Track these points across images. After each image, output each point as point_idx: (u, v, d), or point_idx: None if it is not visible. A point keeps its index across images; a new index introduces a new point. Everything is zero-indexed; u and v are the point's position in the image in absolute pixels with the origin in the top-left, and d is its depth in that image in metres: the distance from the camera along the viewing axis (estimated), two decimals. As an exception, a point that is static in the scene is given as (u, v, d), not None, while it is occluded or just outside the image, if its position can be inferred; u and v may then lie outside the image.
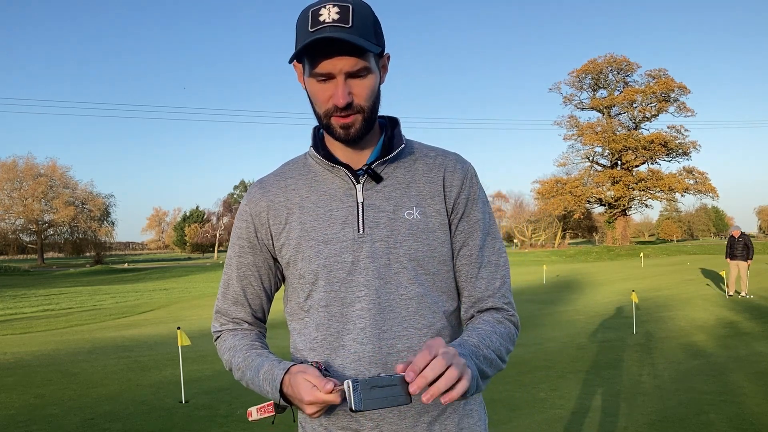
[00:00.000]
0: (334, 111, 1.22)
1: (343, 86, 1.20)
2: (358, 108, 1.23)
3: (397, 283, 1.27)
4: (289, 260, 1.32)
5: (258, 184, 1.39)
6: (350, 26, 1.17)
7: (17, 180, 61.56)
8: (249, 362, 1.32)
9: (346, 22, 1.17)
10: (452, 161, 1.36)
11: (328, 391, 1.11)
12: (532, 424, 4.80)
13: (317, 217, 1.30)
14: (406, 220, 1.29)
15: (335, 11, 1.17)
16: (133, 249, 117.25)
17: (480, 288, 1.35)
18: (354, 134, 1.25)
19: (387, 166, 1.32)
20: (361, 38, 1.17)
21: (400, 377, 1.06)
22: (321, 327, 1.28)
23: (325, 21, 1.16)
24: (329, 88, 1.21)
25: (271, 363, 1.28)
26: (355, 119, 1.23)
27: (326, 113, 1.24)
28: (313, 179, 1.34)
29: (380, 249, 1.27)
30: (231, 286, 1.40)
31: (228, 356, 1.38)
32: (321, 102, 1.23)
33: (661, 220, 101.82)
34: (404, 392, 1.06)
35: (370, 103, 1.24)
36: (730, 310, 11.30)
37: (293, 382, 1.18)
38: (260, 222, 1.35)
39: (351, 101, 1.21)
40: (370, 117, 1.26)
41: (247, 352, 1.34)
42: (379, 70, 1.28)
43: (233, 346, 1.38)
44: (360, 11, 1.20)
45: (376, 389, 1.05)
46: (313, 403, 1.14)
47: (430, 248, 1.29)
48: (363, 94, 1.22)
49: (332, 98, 1.21)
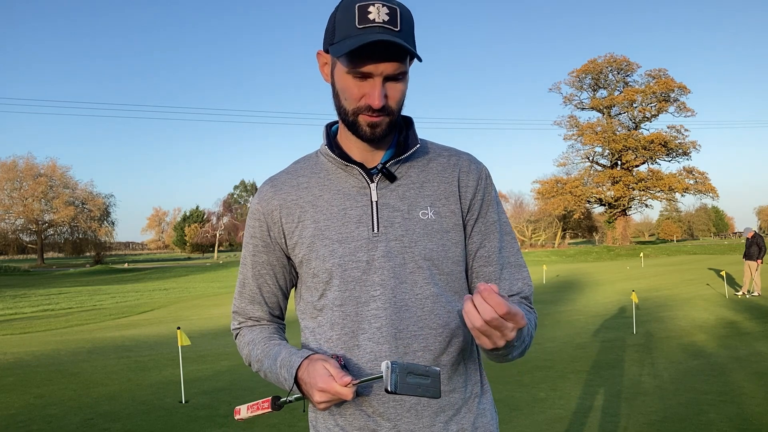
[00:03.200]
0: (366, 110, 1.21)
1: (380, 88, 1.18)
2: (389, 111, 1.22)
3: (412, 282, 1.26)
4: (303, 259, 1.31)
5: (269, 182, 1.37)
6: (399, 30, 1.15)
7: (17, 180, 61.58)
8: (267, 351, 1.32)
9: (395, 25, 1.14)
10: (466, 161, 1.36)
11: (344, 384, 1.11)
12: (532, 424, 4.79)
13: (331, 216, 1.29)
14: (421, 220, 1.28)
15: (385, 12, 1.14)
16: (133, 249, 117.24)
17: (504, 289, 1.35)
18: (379, 134, 1.24)
19: (401, 166, 1.31)
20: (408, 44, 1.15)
21: (436, 371, 1.08)
22: (336, 326, 1.27)
23: (375, 20, 1.14)
24: (365, 86, 1.19)
25: (289, 350, 1.28)
26: (382, 120, 1.22)
27: (356, 110, 1.22)
28: (326, 177, 1.32)
29: (395, 248, 1.26)
30: (247, 285, 1.39)
31: (247, 350, 1.37)
32: (353, 98, 1.21)
33: (661, 220, 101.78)
34: (436, 386, 1.08)
35: (399, 107, 1.24)
36: (730, 310, 11.30)
37: (311, 368, 1.17)
38: (272, 221, 1.33)
39: (385, 104, 1.20)
40: (396, 120, 1.25)
41: (266, 344, 1.34)
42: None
43: (252, 340, 1.37)
44: (406, 15, 1.18)
45: (411, 376, 1.06)
46: (324, 391, 1.13)
47: (444, 248, 1.29)
48: (396, 98, 1.21)
49: (366, 97, 1.19)
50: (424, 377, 1.07)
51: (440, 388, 1.09)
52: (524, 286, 1.36)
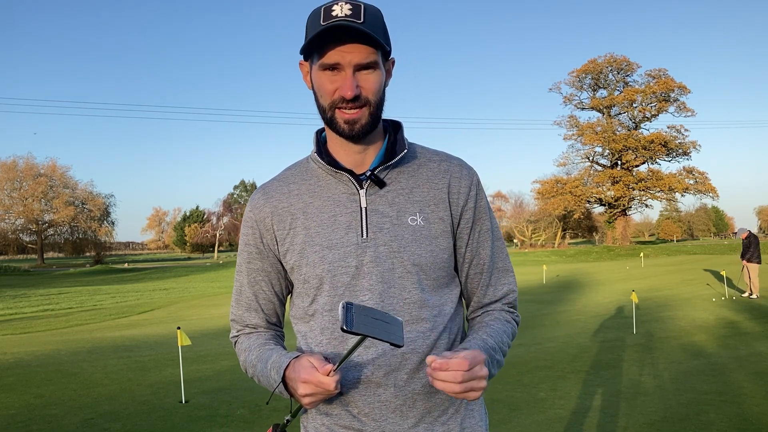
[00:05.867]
0: (340, 102, 1.22)
1: (352, 78, 1.20)
2: (365, 100, 1.22)
3: (401, 287, 1.27)
4: (294, 265, 1.33)
5: (261, 190, 1.39)
6: (362, 21, 1.18)
7: (17, 180, 61.55)
8: (260, 356, 1.33)
9: (359, 17, 1.18)
10: (457, 167, 1.37)
11: (325, 372, 1.11)
12: (532, 424, 4.79)
13: (321, 223, 1.30)
14: (410, 226, 1.29)
15: (347, 7, 1.19)
16: (133, 249, 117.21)
17: (489, 295, 1.39)
18: (359, 130, 1.24)
19: (390, 172, 1.32)
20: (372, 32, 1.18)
21: (399, 320, 1.08)
22: (326, 331, 1.29)
23: (337, 15, 1.18)
24: (337, 79, 1.21)
25: (280, 353, 1.29)
26: (361, 114, 1.23)
27: (331, 104, 1.23)
28: (316, 184, 1.34)
29: (384, 254, 1.27)
30: (243, 292, 1.41)
31: (244, 357, 1.39)
32: (327, 93, 1.23)
33: (661, 220, 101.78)
34: (399, 333, 1.06)
35: (377, 98, 1.24)
36: (730, 310, 11.29)
37: (297, 364, 1.19)
38: (265, 228, 1.35)
39: (359, 93, 1.21)
40: (376, 113, 1.26)
41: (260, 349, 1.35)
42: (385, 71, 1.28)
43: (248, 347, 1.38)
44: (371, 11, 1.21)
45: (370, 319, 1.04)
46: (307, 381, 1.13)
47: (432, 255, 1.30)
48: (371, 88, 1.22)
49: (339, 90, 1.21)
50: (385, 322, 1.05)
51: (403, 336, 1.06)
52: (509, 291, 1.41)
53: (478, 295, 1.40)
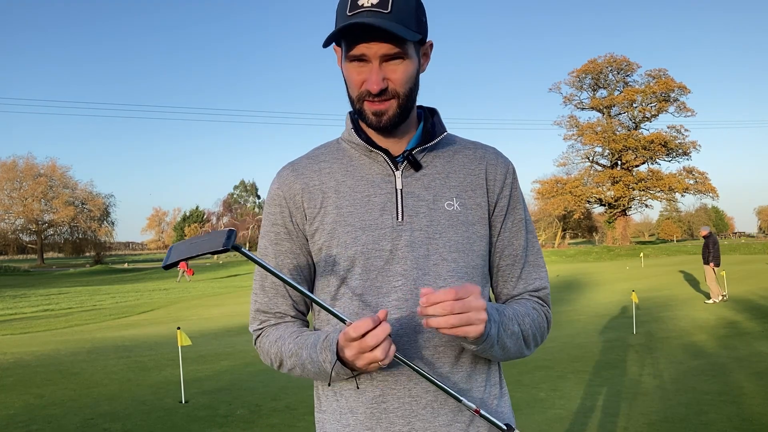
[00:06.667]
0: (367, 96, 1.18)
1: (378, 71, 1.16)
2: (393, 93, 1.18)
3: (435, 274, 1.22)
4: (322, 246, 1.25)
5: (289, 167, 1.32)
6: (389, 12, 1.13)
7: (17, 180, 61.58)
8: (303, 341, 1.21)
9: (385, 7, 1.13)
10: (493, 155, 1.33)
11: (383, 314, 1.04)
12: (532, 424, 4.79)
13: (354, 202, 1.24)
14: (446, 211, 1.25)
15: None
16: (133, 249, 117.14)
17: (519, 288, 1.33)
18: (386, 122, 1.20)
19: (427, 155, 1.27)
20: (399, 24, 1.13)
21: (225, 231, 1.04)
22: (353, 316, 1.21)
23: (363, 5, 1.13)
24: (364, 71, 1.17)
25: (327, 333, 1.18)
26: (389, 105, 1.19)
27: (359, 97, 1.20)
28: (349, 163, 1.28)
29: (420, 238, 1.22)
30: (269, 277, 1.30)
31: (276, 348, 1.26)
32: (355, 85, 1.19)
33: (661, 220, 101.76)
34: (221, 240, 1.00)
35: (405, 89, 1.19)
36: (730, 310, 11.29)
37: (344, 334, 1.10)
38: (295, 205, 1.27)
39: (386, 87, 1.17)
40: (406, 105, 1.21)
41: (298, 336, 1.24)
42: (419, 58, 1.23)
43: (280, 336, 1.26)
44: None
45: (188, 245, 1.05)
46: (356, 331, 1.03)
47: (469, 241, 1.25)
48: (398, 80, 1.17)
49: (366, 83, 1.17)
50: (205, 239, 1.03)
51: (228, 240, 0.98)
52: (541, 287, 1.34)
53: (507, 288, 1.33)
